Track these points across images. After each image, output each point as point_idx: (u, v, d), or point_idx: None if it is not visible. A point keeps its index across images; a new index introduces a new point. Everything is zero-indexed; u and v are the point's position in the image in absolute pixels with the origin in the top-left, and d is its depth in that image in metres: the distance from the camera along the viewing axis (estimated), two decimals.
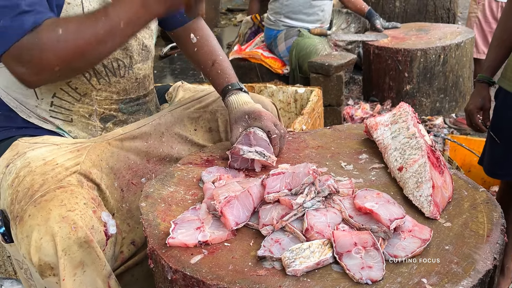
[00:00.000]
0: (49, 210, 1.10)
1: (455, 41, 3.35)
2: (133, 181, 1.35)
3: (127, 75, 1.41)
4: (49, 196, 1.12)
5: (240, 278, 0.91)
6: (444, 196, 1.11)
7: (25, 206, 1.12)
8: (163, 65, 5.29)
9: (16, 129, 1.36)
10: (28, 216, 1.11)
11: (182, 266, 0.94)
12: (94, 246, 1.12)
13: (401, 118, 1.33)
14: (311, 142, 1.45)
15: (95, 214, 1.15)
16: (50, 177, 1.17)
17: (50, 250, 1.08)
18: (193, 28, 1.55)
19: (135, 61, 1.42)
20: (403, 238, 0.98)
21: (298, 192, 1.05)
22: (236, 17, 7.16)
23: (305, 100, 2.54)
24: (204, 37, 1.55)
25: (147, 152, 1.40)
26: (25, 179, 1.17)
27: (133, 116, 1.46)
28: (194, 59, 1.56)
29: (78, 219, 1.10)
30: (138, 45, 1.41)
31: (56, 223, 1.08)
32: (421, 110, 3.44)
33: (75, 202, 1.13)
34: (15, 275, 1.82)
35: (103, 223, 1.17)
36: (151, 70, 1.53)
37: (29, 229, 1.09)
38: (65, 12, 1.23)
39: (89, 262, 1.13)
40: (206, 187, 1.16)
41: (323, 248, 0.94)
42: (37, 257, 1.09)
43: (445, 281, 0.88)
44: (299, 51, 3.34)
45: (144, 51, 1.44)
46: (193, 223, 1.05)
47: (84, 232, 1.10)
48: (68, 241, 1.08)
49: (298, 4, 3.39)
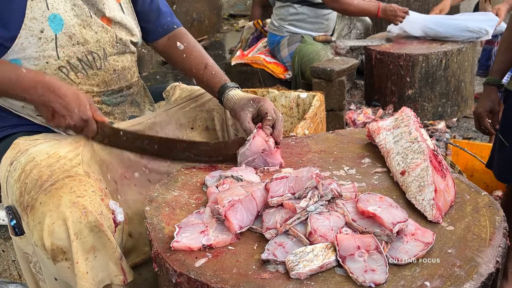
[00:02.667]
0: (60, 196, 1.14)
1: (457, 46, 3.36)
2: (125, 175, 1.39)
3: (103, 67, 1.45)
4: (58, 185, 1.17)
5: (244, 281, 0.91)
6: (446, 199, 1.12)
7: (35, 195, 1.17)
8: (165, 70, 5.31)
9: (12, 128, 1.41)
10: (40, 203, 1.15)
11: (186, 270, 0.95)
12: (104, 230, 1.16)
13: (403, 122, 1.33)
14: (313, 147, 1.46)
15: (103, 201, 1.19)
16: (57, 168, 1.22)
17: (63, 234, 1.12)
18: (178, 37, 1.60)
19: (110, 53, 1.46)
20: (406, 241, 0.98)
21: (301, 196, 1.06)
22: (238, 23, 7.19)
23: (307, 105, 2.55)
24: (191, 43, 1.60)
25: None
26: (32, 171, 1.22)
27: (118, 108, 1.50)
28: (184, 65, 1.59)
29: (88, 204, 1.14)
30: (111, 37, 1.45)
31: (67, 208, 1.12)
32: (423, 114, 3.44)
33: (84, 189, 1.17)
34: (20, 279, 1.83)
35: (111, 210, 1.20)
36: (134, 64, 1.57)
37: (41, 215, 1.14)
38: (29, 8, 1.28)
39: (100, 246, 1.17)
40: (210, 191, 1.17)
41: (327, 252, 0.95)
42: (50, 242, 1.13)
43: (448, 284, 0.89)
44: (301, 57, 3.35)
45: (120, 44, 1.48)
46: (197, 227, 1.06)
47: (94, 217, 1.14)
48: (79, 225, 1.13)
49: (303, 13, 3.40)
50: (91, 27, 1.40)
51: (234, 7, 8.25)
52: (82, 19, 1.38)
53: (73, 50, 1.37)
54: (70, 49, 1.37)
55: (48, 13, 1.31)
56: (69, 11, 1.36)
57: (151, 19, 1.59)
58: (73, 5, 1.37)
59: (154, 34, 1.62)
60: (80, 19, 1.38)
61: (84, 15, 1.39)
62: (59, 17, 1.33)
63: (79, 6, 1.37)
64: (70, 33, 1.36)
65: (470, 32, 3.33)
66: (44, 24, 1.31)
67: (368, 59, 3.56)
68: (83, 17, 1.38)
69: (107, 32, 1.44)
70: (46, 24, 1.31)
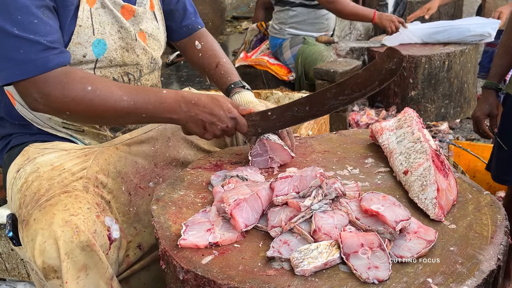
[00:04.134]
0: (53, 214, 1.13)
1: (459, 47, 3.37)
2: (140, 185, 1.38)
3: None
4: (53, 201, 1.16)
5: (250, 278, 0.93)
6: (448, 199, 1.13)
7: (31, 210, 1.16)
8: (169, 72, 5.34)
9: (30, 135, 1.40)
10: (33, 220, 1.14)
11: (193, 267, 0.97)
12: (96, 250, 1.15)
13: (406, 123, 1.35)
14: (317, 147, 1.48)
15: (98, 218, 1.18)
16: (56, 182, 1.21)
17: (53, 254, 1.11)
18: (198, 36, 1.63)
19: (144, 73, 1.46)
20: (409, 239, 1.00)
21: (305, 194, 1.08)
22: (241, 25, 7.21)
23: None
24: (208, 43, 1.62)
25: (154, 156, 1.43)
26: (33, 184, 1.21)
27: (142, 124, 1.50)
28: (199, 64, 1.62)
29: (80, 224, 1.13)
30: (148, 59, 1.46)
31: (59, 227, 1.11)
32: (426, 115, 3.45)
33: (79, 207, 1.16)
34: (28, 277, 1.84)
35: (107, 227, 1.20)
36: (159, 79, 1.58)
37: (33, 233, 1.13)
38: (76, 34, 1.26)
39: (92, 265, 1.15)
40: (216, 190, 1.19)
41: (331, 249, 0.97)
42: (41, 260, 1.12)
43: (450, 281, 0.90)
44: (304, 58, 3.37)
45: (153, 64, 1.49)
46: (203, 225, 1.08)
47: (87, 236, 1.13)
48: (70, 244, 1.11)
49: (303, 15, 3.42)
50: (134, 50, 1.39)
51: (237, 9, 8.28)
52: (127, 42, 1.37)
53: (110, 71, 1.36)
54: (108, 70, 1.36)
55: (93, 38, 1.29)
56: (114, 34, 1.34)
57: (176, 19, 1.60)
58: (120, 27, 1.35)
59: (178, 34, 1.63)
60: (125, 42, 1.37)
61: (129, 38, 1.37)
62: (103, 42, 1.31)
63: (125, 29, 1.36)
64: (111, 57, 1.35)
65: (473, 36, 3.34)
66: (87, 49, 1.29)
67: (370, 60, 3.58)
68: (128, 40, 1.37)
69: (146, 54, 1.44)
70: (89, 49, 1.29)
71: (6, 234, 1.27)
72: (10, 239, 1.27)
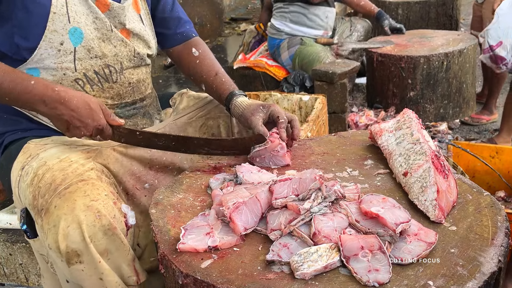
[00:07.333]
0: (74, 200, 1.16)
1: (458, 48, 3.37)
2: (137, 186, 1.40)
3: (119, 80, 1.46)
4: (72, 188, 1.19)
5: (250, 281, 0.93)
6: (448, 200, 1.13)
7: (49, 199, 1.18)
8: (168, 75, 5.33)
9: (22, 131, 1.42)
10: (54, 207, 1.17)
11: (192, 271, 0.97)
12: (118, 233, 1.18)
13: (405, 124, 1.35)
14: (316, 149, 1.48)
15: (115, 205, 1.21)
16: (70, 172, 1.23)
17: (77, 237, 1.14)
18: (194, 44, 1.64)
19: (126, 66, 1.47)
20: (409, 241, 0.99)
21: (305, 197, 1.07)
22: (239, 26, 7.21)
23: (309, 108, 2.56)
24: (205, 51, 1.64)
25: (150, 159, 1.43)
26: (45, 175, 1.23)
27: (130, 120, 1.51)
28: (196, 71, 1.62)
29: (101, 208, 1.16)
30: (129, 51, 1.47)
31: (82, 211, 1.14)
32: (425, 116, 3.45)
33: (97, 193, 1.19)
34: (27, 282, 1.84)
35: (123, 214, 1.22)
36: (148, 76, 1.59)
37: (56, 219, 1.15)
38: (51, 21, 1.30)
39: (113, 249, 1.18)
40: (215, 194, 1.18)
41: (331, 252, 0.96)
42: (65, 245, 1.14)
43: (451, 283, 0.90)
44: (301, 59, 3.37)
45: (137, 58, 1.50)
46: (202, 228, 1.07)
47: (108, 220, 1.16)
48: (93, 228, 1.14)
49: (302, 11, 3.45)
50: (111, 41, 1.41)
51: (235, 11, 8.28)
52: (103, 32, 1.39)
53: (90, 63, 1.39)
54: (88, 62, 1.38)
55: (69, 26, 1.32)
56: (90, 25, 1.37)
57: (171, 26, 1.63)
58: (95, 18, 1.37)
59: (172, 41, 1.65)
60: (101, 32, 1.39)
61: (105, 29, 1.39)
62: (80, 30, 1.34)
63: (100, 20, 1.38)
64: (89, 46, 1.37)
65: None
66: (64, 37, 1.32)
67: (369, 61, 3.58)
68: (103, 31, 1.39)
69: (126, 46, 1.45)
70: (66, 37, 1.32)
71: (20, 228, 1.30)
72: (24, 232, 1.29)
